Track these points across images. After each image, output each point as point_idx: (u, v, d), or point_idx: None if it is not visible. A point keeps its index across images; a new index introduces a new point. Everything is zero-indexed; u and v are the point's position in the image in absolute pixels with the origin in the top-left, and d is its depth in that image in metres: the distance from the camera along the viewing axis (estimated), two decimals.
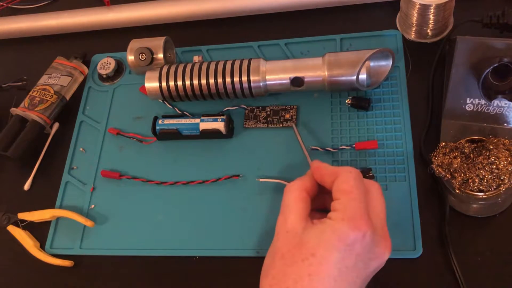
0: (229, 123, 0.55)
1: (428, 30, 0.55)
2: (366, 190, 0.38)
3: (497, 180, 0.45)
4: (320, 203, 0.42)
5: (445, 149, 0.47)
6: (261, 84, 0.54)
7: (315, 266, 0.34)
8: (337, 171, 0.39)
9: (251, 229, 0.50)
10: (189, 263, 0.51)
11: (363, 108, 0.53)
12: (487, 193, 0.45)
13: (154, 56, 0.57)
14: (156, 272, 0.51)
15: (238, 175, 0.53)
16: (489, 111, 0.48)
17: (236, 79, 0.54)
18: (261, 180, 0.52)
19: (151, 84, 0.56)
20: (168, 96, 0.57)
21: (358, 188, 0.37)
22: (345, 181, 0.37)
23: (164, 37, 0.58)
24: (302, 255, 0.35)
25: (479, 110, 0.48)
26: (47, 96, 0.62)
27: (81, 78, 0.65)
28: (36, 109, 0.61)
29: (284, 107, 0.56)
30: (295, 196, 0.39)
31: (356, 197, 0.36)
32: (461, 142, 0.48)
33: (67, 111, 0.63)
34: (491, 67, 0.46)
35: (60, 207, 0.57)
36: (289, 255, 0.36)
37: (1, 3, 0.75)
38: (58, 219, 0.56)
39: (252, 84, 0.54)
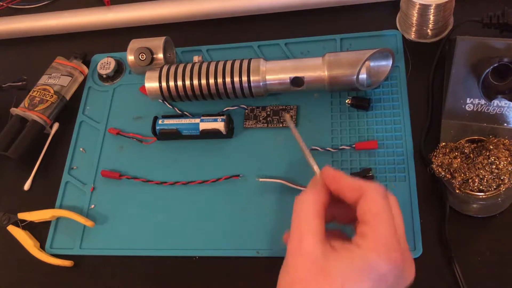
0: (229, 123, 0.55)
1: (428, 30, 0.55)
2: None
3: (497, 180, 0.45)
4: (329, 216, 0.37)
5: (445, 149, 0.47)
6: (261, 84, 0.54)
7: None
8: (362, 187, 0.34)
9: (251, 229, 0.50)
10: (189, 263, 0.51)
11: (363, 108, 0.53)
12: (487, 193, 0.45)
13: (154, 56, 0.57)
14: (156, 272, 0.51)
15: (238, 175, 0.53)
16: (489, 111, 0.48)
17: (236, 79, 0.54)
18: (261, 180, 0.52)
19: (151, 84, 0.56)
20: (168, 96, 0.57)
21: (387, 210, 0.33)
22: (373, 200, 0.33)
23: (164, 37, 0.58)
24: (329, 286, 0.31)
25: (479, 110, 0.48)
26: (47, 96, 0.62)
27: (81, 78, 0.65)
28: (36, 109, 0.61)
29: (284, 107, 0.56)
30: (310, 212, 0.34)
31: (386, 221, 0.33)
32: (461, 142, 0.48)
33: (67, 111, 0.63)
34: (491, 67, 0.46)
35: (60, 207, 0.57)
36: (313, 284, 0.32)
37: (1, 3, 0.75)
38: (58, 219, 0.56)
39: (252, 84, 0.54)
